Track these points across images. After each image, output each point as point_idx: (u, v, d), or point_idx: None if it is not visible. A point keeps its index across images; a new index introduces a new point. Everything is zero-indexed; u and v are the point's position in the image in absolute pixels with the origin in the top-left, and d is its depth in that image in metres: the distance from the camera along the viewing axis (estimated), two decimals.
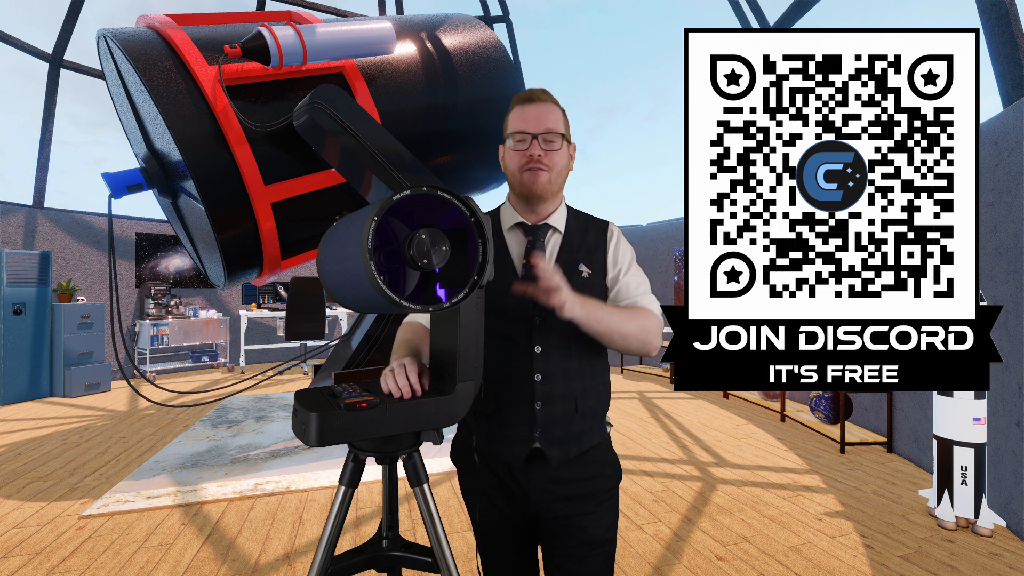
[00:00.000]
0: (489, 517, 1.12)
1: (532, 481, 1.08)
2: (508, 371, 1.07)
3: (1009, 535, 2.37)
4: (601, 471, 1.13)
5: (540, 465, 1.08)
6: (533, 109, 1.08)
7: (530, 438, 1.07)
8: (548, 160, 1.07)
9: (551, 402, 1.07)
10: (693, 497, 2.85)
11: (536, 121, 1.07)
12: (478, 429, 1.12)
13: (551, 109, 1.09)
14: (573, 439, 1.09)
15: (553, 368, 1.07)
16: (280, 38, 2.51)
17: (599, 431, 1.14)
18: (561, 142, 1.09)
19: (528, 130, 1.07)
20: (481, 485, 1.13)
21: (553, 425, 1.07)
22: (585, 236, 1.14)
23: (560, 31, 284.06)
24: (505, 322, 1.07)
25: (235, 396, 5.41)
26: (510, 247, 1.12)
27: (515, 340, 1.07)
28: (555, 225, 1.14)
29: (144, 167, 2.88)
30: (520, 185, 1.10)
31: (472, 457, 1.13)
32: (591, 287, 1.11)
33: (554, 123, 1.08)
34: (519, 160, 1.08)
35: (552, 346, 1.07)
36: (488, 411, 1.09)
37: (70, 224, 6.32)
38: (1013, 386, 2.36)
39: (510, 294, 1.07)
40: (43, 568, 2.15)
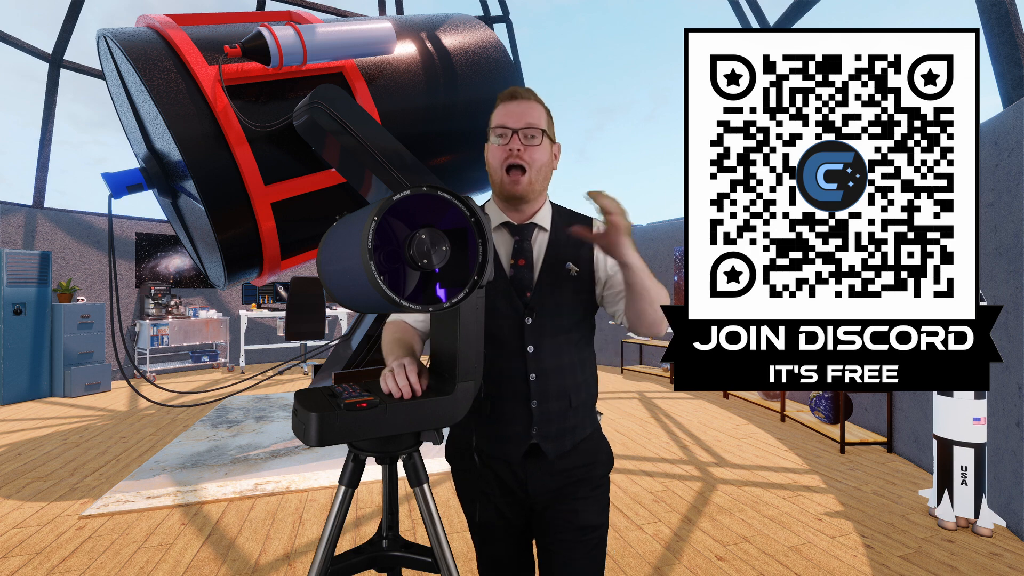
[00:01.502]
0: (487, 516, 1.13)
1: (530, 475, 1.09)
2: (502, 371, 1.08)
3: (1009, 535, 2.37)
4: (595, 458, 1.14)
5: (537, 459, 1.09)
6: (516, 105, 1.08)
7: (527, 435, 1.07)
8: (528, 156, 1.07)
9: (546, 400, 1.07)
10: (693, 497, 2.85)
11: (518, 116, 1.07)
12: (475, 428, 1.12)
13: (533, 106, 1.09)
14: (568, 433, 1.10)
15: (546, 367, 1.07)
16: (280, 38, 2.51)
17: (591, 422, 1.15)
18: (543, 138, 1.08)
19: (509, 125, 1.07)
20: (480, 484, 1.13)
21: (549, 422, 1.08)
22: (571, 233, 1.15)
23: (560, 31, 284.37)
24: (497, 322, 1.07)
25: (235, 396, 5.41)
26: (497, 247, 1.12)
27: (507, 340, 1.08)
28: (541, 224, 1.13)
29: (144, 167, 2.88)
30: (500, 186, 1.09)
31: (468, 456, 1.13)
32: (579, 284, 1.11)
33: (536, 119, 1.08)
34: (500, 155, 1.08)
35: (544, 345, 1.08)
36: (485, 411, 1.09)
37: (70, 224, 6.32)
38: (1013, 386, 2.36)
39: (501, 295, 1.07)
40: (43, 568, 2.15)
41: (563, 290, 1.10)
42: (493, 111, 1.12)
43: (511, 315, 1.08)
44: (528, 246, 1.11)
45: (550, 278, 1.09)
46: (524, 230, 1.12)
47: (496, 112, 1.11)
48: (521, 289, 1.09)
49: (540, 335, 1.08)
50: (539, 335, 1.07)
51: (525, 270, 1.09)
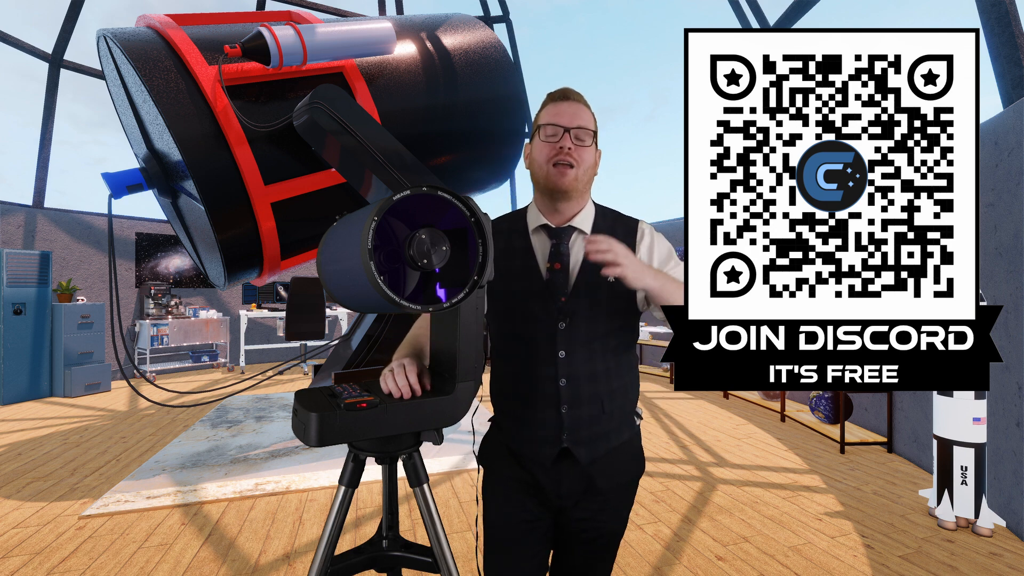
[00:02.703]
0: (513, 518, 1.11)
1: (563, 479, 1.08)
2: (532, 375, 1.07)
3: (1009, 535, 2.37)
4: (628, 465, 1.13)
5: (570, 463, 1.08)
6: (568, 106, 1.09)
7: (558, 440, 1.07)
8: (577, 155, 1.07)
9: (577, 405, 1.06)
10: (693, 497, 2.85)
11: (571, 116, 1.07)
12: (509, 430, 1.12)
13: (584, 109, 1.10)
14: (601, 438, 1.09)
15: (577, 372, 1.06)
16: (280, 38, 2.51)
17: (628, 426, 1.14)
18: (592, 141, 1.09)
19: (562, 123, 1.07)
20: (512, 485, 1.12)
21: (580, 427, 1.07)
22: (613, 236, 1.13)
23: (560, 31, 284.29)
24: (530, 326, 1.07)
25: (235, 396, 5.41)
26: (535, 250, 1.11)
27: (539, 344, 1.07)
28: (580, 227, 1.12)
29: (144, 167, 2.88)
30: (546, 179, 1.08)
31: (503, 457, 1.13)
32: (617, 290, 1.09)
33: (587, 121, 1.08)
34: (548, 152, 1.07)
35: (576, 351, 1.06)
36: (516, 413, 1.10)
37: (70, 224, 6.32)
38: (1013, 386, 2.36)
39: (536, 298, 1.06)
40: (43, 568, 2.15)
41: (600, 296, 1.08)
42: (540, 109, 1.12)
43: (545, 319, 1.07)
44: (565, 250, 1.10)
45: (587, 283, 1.08)
46: (562, 233, 1.11)
47: (546, 110, 1.10)
48: (556, 294, 1.07)
49: (573, 340, 1.06)
50: (572, 340, 1.06)
51: (561, 274, 1.08)
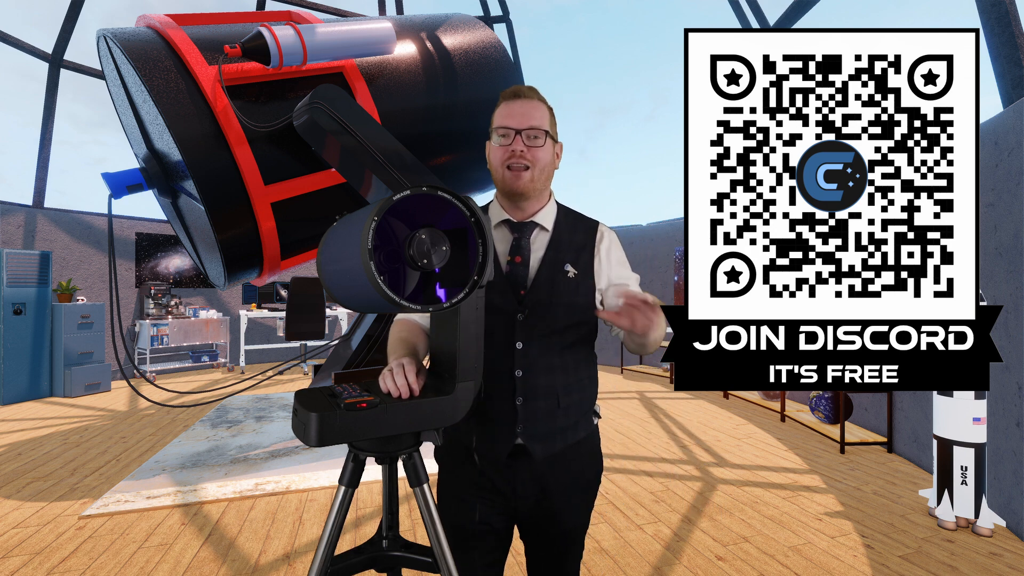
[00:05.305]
0: (476, 517, 1.11)
1: (517, 477, 1.08)
2: (489, 367, 1.07)
3: (1009, 535, 2.37)
4: (585, 464, 1.13)
5: (524, 461, 1.08)
6: (519, 105, 1.08)
7: (512, 434, 1.07)
8: (531, 156, 1.07)
9: (532, 397, 1.07)
10: (693, 497, 2.85)
11: (521, 117, 1.07)
12: (465, 424, 1.10)
13: (537, 106, 1.09)
14: (557, 434, 1.09)
15: (534, 364, 1.07)
16: (280, 38, 2.51)
17: (584, 425, 1.14)
18: (545, 139, 1.08)
19: (512, 125, 1.07)
20: (468, 488, 1.12)
21: (535, 421, 1.07)
22: (573, 235, 1.14)
23: (560, 31, 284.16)
24: (489, 318, 1.06)
25: (235, 396, 5.41)
26: (496, 244, 1.12)
27: (497, 336, 1.07)
28: (541, 223, 1.13)
29: (144, 167, 2.88)
30: (502, 182, 1.10)
31: (461, 456, 1.12)
32: (577, 287, 1.10)
33: (539, 120, 1.08)
34: (502, 155, 1.08)
35: (533, 342, 1.07)
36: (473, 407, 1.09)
37: (70, 224, 6.32)
38: (1013, 386, 2.36)
39: (496, 290, 1.07)
40: (43, 568, 2.15)
41: (559, 290, 1.09)
42: (496, 109, 1.12)
43: (504, 311, 1.07)
44: (526, 244, 1.11)
45: (546, 277, 1.09)
46: (523, 228, 1.12)
47: (499, 111, 1.10)
48: (516, 286, 1.09)
49: (531, 333, 1.07)
50: (530, 333, 1.07)
51: (521, 267, 1.10)
